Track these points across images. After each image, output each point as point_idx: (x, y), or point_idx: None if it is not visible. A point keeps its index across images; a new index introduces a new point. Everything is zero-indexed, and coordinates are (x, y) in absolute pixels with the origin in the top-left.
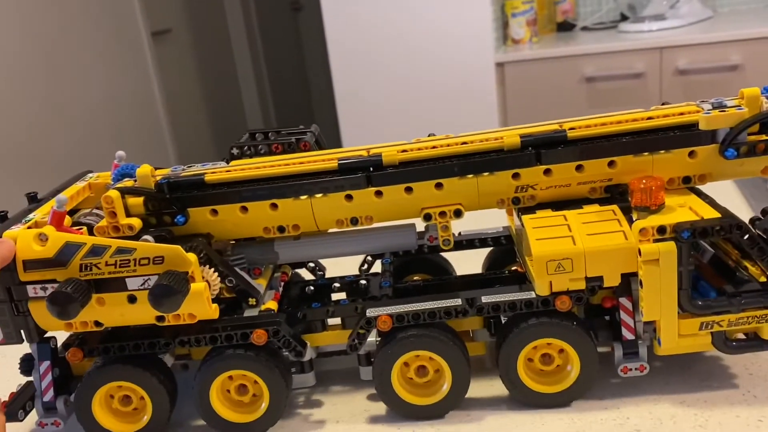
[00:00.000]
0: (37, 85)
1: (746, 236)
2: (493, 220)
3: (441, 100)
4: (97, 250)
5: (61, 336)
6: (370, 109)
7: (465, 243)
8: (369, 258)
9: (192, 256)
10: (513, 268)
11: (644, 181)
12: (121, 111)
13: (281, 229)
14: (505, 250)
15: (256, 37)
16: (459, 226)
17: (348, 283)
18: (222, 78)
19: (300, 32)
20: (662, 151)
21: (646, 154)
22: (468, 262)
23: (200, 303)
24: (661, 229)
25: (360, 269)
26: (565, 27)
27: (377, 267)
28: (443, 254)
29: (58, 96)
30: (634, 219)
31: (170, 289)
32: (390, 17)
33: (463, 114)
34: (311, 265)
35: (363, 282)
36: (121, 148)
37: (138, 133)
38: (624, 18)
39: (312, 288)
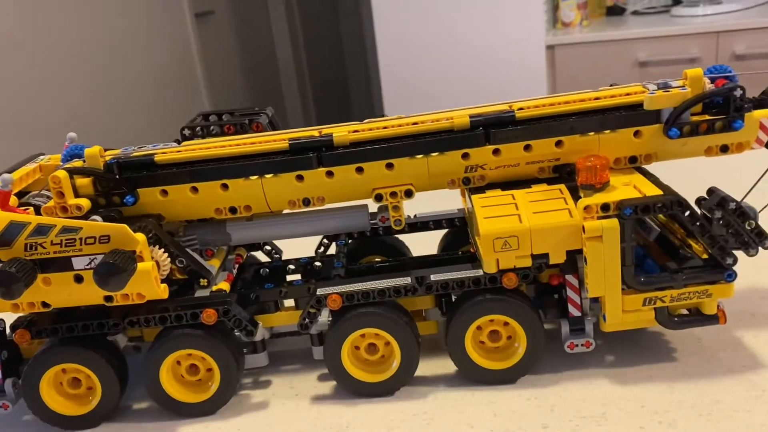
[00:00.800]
0: (85, 63)
1: (687, 213)
2: (450, 202)
3: (490, 83)
4: (42, 230)
5: (10, 318)
6: (416, 93)
7: (420, 225)
8: (325, 240)
9: (140, 236)
10: (466, 249)
11: (589, 160)
12: (164, 89)
13: (233, 210)
14: (460, 232)
15: (296, 21)
16: (415, 209)
17: (303, 265)
18: (261, 59)
19: (339, 17)
20: (608, 131)
21: (592, 133)
22: (424, 244)
23: (148, 282)
24: (605, 207)
25: (316, 251)
26: (615, 11)
27: (334, 249)
28: (399, 236)
29: (104, 74)
30: (581, 198)
31: (115, 267)
32: (440, 1)
33: (512, 97)
34: (267, 247)
35: (318, 264)
36: (163, 126)
37: (179, 112)
38: (676, 2)
39: (267, 270)
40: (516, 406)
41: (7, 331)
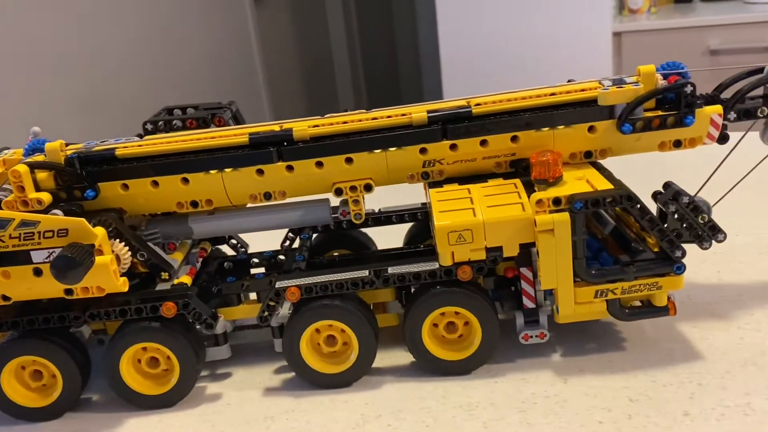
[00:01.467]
0: (148, 46)
1: (637, 207)
2: (415, 196)
3: (553, 71)
4: (0, 223)
5: None
6: (477, 79)
7: (384, 219)
8: (290, 234)
9: (99, 230)
10: (429, 243)
11: (543, 155)
12: (223, 72)
13: (194, 203)
14: (424, 226)
15: (350, 8)
16: (380, 203)
17: (267, 259)
18: (315, 42)
19: (391, 5)
20: (562, 126)
21: (546, 129)
22: (389, 238)
23: (107, 276)
24: (557, 201)
25: (282, 245)
26: None
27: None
28: (364, 230)
29: (165, 57)
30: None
31: (71, 260)
32: None
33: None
34: (233, 241)
35: (281, 257)
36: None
37: (237, 94)
38: None
39: (231, 263)
40: (469, 396)
41: None
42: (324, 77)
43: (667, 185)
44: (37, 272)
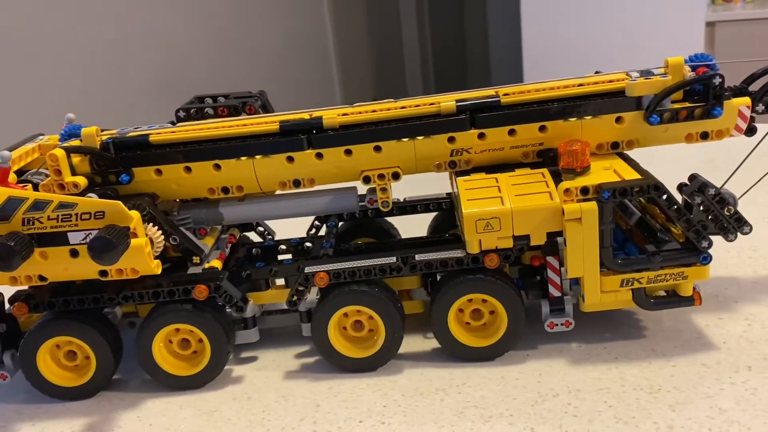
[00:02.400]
0: (223, 28)
1: (664, 197)
2: (439, 186)
3: (643, 62)
4: (39, 205)
5: (8, 292)
6: (559, 68)
7: (409, 208)
8: (316, 222)
9: (134, 213)
10: (454, 232)
11: (571, 145)
12: (296, 53)
13: (225, 190)
14: (448, 215)
15: None
16: (405, 192)
17: (294, 246)
18: (387, 25)
19: None
20: (590, 117)
21: (574, 119)
22: (413, 227)
23: (141, 258)
24: (584, 190)
25: (308, 233)
26: None
27: (324, 231)
28: (389, 219)
29: (241, 39)
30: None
31: (109, 242)
32: None
33: None
34: (260, 228)
35: (308, 244)
36: (295, 88)
37: (310, 77)
38: None
39: (259, 250)
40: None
41: (6, 305)
42: (394, 58)
43: (693, 177)
44: (74, 253)
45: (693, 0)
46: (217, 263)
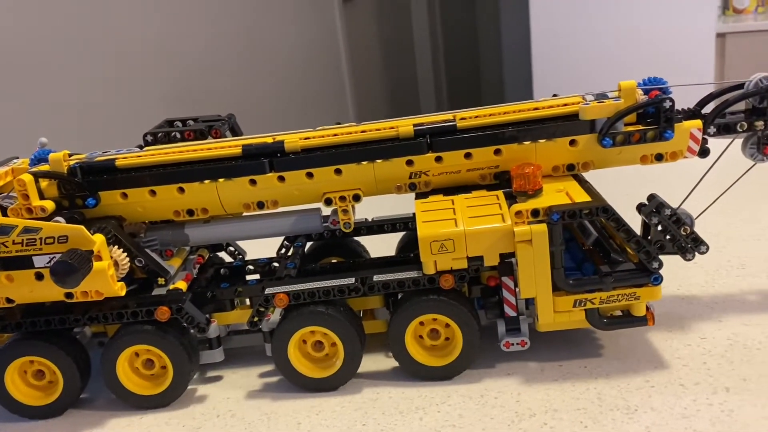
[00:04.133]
0: (236, 45)
1: (612, 219)
2: (408, 206)
3: (652, 71)
4: (4, 230)
5: None
6: (571, 79)
7: (376, 227)
8: (286, 242)
9: (97, 237)
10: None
11: (523, 168)
12: (310, 72)
13: (190, 212)
14: (416, 235)
15: (435, 10)
16: (374, 212)
17: (261, 266)
18: (400, 43)
19: (475, 10)
20: (544, 140)
21: (528, 142)
22: (383, 247)
23: (104, 280)
24: (535, 212)
25: (277, 253)
26: None
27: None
28: (358, 239)
29: (255, 56)
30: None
31: (69, 266)
32: None
33: (676, 88)
34: (231, 248)
35: (275, 264)
36: (308, 106)
37: (323, 93)
38: None
39: (227, 270)
40: (452, 401)
41: None
42: (407, 77)
43: (651, 197)
44: (39, 276)
45: (703, 11)
46: (182, 284)
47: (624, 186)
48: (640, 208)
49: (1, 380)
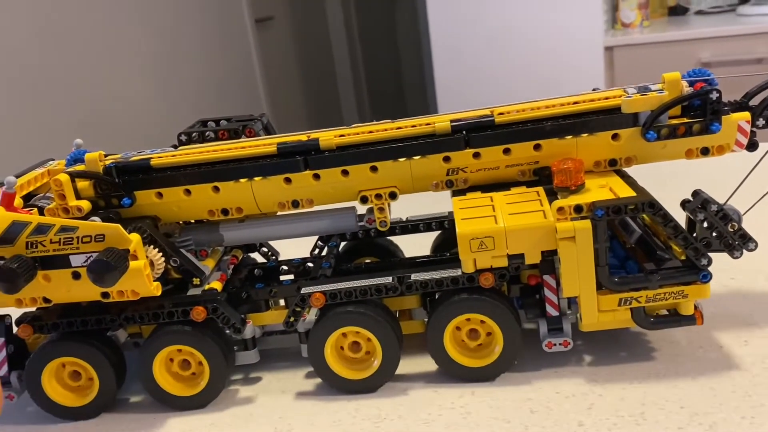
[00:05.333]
0: (146, 65)
1: (659, 214)
2: (443, 205)
3: (546, 84)
4: (42, 229)
5: (16, 314)
6: (471, 95)
7: (411, 227)
8: (320, 242)
9: (133, 236)
10: (455, 251)
11: (565, 163)
12: (224, 93)
13: (225, 211)
14: (452, 234)
15: (353, 25)
16: (408, 211)
17: (295, 266)
18: (319, 62)
19: (395, 20)
20: (585, 134)
21: (569, 137)
22: (418, 246)
23: (140, 280)
24: (578, 208)
25: (311, 253)
26: (678, 11)
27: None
28: (392, 239)
29: (165, 77)
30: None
31: (107, 264)
32: (496, 1)
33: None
34: (264, 249)
35: (310, 264)
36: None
37: (239, 111)
38: (744, 1)
39: (261, 270)
40: (493, 403)
41: (14, 326)
42: (327, 96)
43: (696, 193)
44: (76, 275)
45: (591, 25)
46: (217, 284)
47: (661, 182)
48: (684, 204)
49: (38, 380)
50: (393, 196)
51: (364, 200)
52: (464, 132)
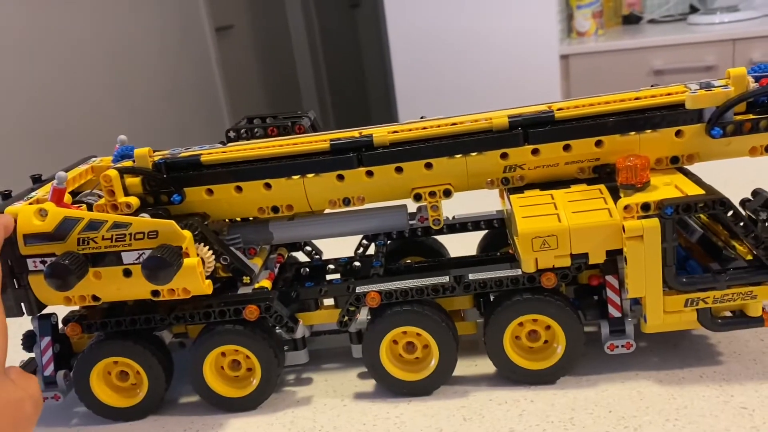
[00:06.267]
0: (102, 74)
1: (730, 213)
2: (488, 204)
3: (504, 92)
4: (94, 225)
5: (62, 313)
6: (431, 104)
7: (458, 226)
8: (364, 241)
9: (186, 233)
10: (505, 251)
11: (629, 159)
12: (184, 102)
13: (275, 209)
14: (499, 234)
15: (315, 34)
16: (454, 210)
17: (342, 265)
18: (281, 71)
19: (358, 28)
20: (649, 131)
21: (632, 133)
22: (462, 246)
23: (193, 278)
24: (646, 206)
25: (355, 252)
26: (632, 20)
27: (373, 250)
28: (437, 238)
29: (123, 85)
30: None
31: (163, 261)
32: (453, 8)
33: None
34: (308, 248)
35: (357, 263)
36: (183, 136)
37: (199, 125)
38: (694, 10)
39: (307, 269)
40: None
41: (59, 325)
42: (291, 105)
43: (756, 192)
44: (127, 273)
45: (547, 35)
46: (266, 283)
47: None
48: (744, 203)
49: (87, 381)
50: (447, 193)
51: (417, 198)
52: (522, 128)
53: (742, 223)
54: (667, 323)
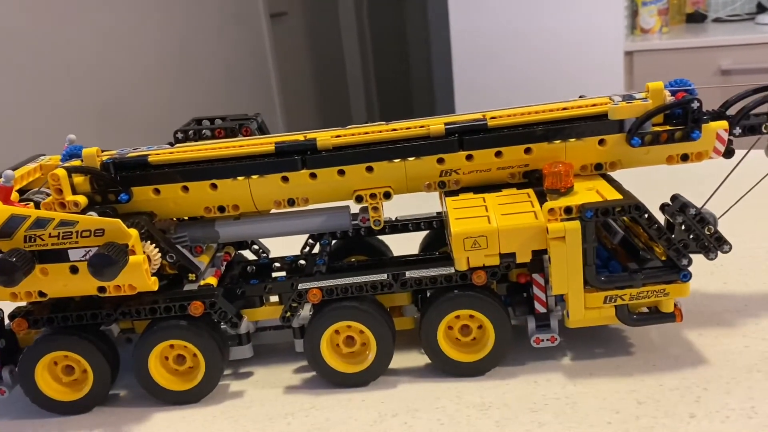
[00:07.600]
0: (164, 60)
1: (645, 216)
2: (430, 206)
3: (566, 88)
4: (41, 222)
5: (8, 309)
6: (490, 98)
7: (400, 226)
8: (310, 240)
9: (132, 231)
10: (444, 250)
11: (555, 166)
12: (238, 87)
13: (221, 209)
14: (440, 234)
15: (364, 23)
16: (397, 211)
17: (288, 263)
18: (330, 58)
19: (405, 21)
20: (573, 139)
21: (559, 141)
22: (405, 245)
23: (139, 275)
24: (568, 210)
25: (302, 251)
26: (696, 18)
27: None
28: (381, 237)
29: (183, 74)
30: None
31: (108, 258)
32: (517, 3)
33: None
34: (255, 247)
35: (302, 262)
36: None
37: (252, 108)
38: (761, 9)
39: (254, 267)
40: (482, 396)
41: (6, 320)
42: (338, 91)
43: (675, 197)
44: (74, 270)
45: (612, 31)
46: (212, 280)
47: (640, 187)
48: (663, 207)
49: (32, 375)
50: (387, 195)
51: (359, 199)
52: (458, 135)
53: (656, 226)
54: (588, 318)
